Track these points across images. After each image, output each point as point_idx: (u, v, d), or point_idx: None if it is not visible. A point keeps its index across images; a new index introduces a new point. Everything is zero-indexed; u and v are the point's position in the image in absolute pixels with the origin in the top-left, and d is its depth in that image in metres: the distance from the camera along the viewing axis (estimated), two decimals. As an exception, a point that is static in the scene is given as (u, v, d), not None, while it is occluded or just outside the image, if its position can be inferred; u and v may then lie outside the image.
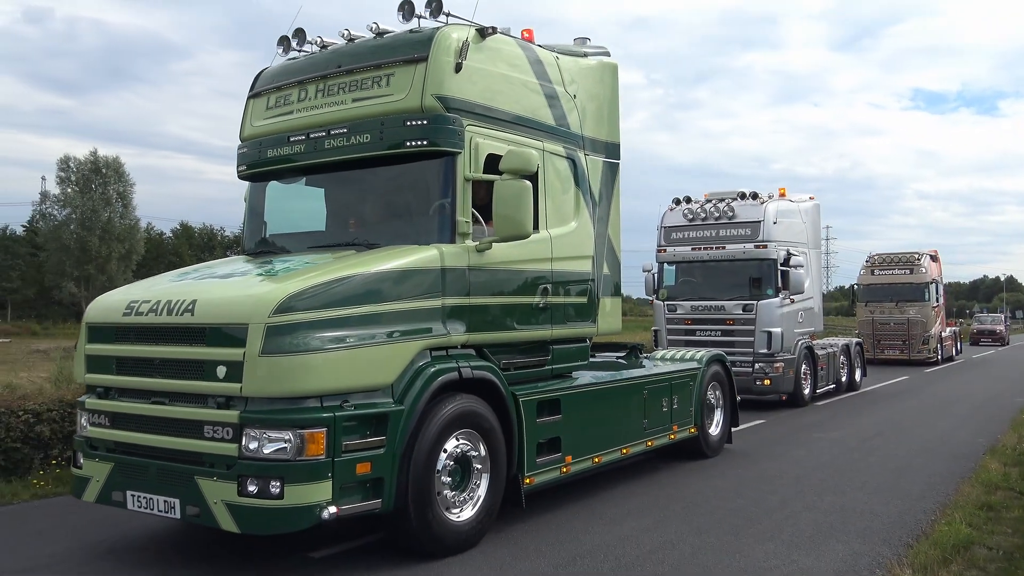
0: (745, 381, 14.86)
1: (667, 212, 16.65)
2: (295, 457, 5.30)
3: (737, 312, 15.31)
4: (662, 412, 9.14)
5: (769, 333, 14.98)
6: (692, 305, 15.86)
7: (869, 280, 28.89)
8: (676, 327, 15.99)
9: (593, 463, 7.84)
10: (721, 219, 15.81)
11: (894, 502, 8.03)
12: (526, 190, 6.36)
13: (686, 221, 16.25)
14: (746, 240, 15.47)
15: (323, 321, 5.53)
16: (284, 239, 7.30)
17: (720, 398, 10.64)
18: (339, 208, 7.29)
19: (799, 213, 16.49)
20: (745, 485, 8.88)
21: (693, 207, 16.24)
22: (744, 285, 15.47)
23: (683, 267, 16.40)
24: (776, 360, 15.07)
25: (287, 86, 7.19)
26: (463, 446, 6.33)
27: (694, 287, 16.18)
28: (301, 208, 7.60)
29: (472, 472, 6.42)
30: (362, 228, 6.95)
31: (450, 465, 6.22)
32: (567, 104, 7.81)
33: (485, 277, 6.65)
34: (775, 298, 15.17)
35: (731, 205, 15.73)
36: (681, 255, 16.28)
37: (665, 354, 10.64)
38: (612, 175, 8.49)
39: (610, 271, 8.37)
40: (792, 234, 15.97)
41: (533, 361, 7.35)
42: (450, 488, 6.24)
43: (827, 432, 12.87)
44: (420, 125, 6.39)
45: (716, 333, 15.49)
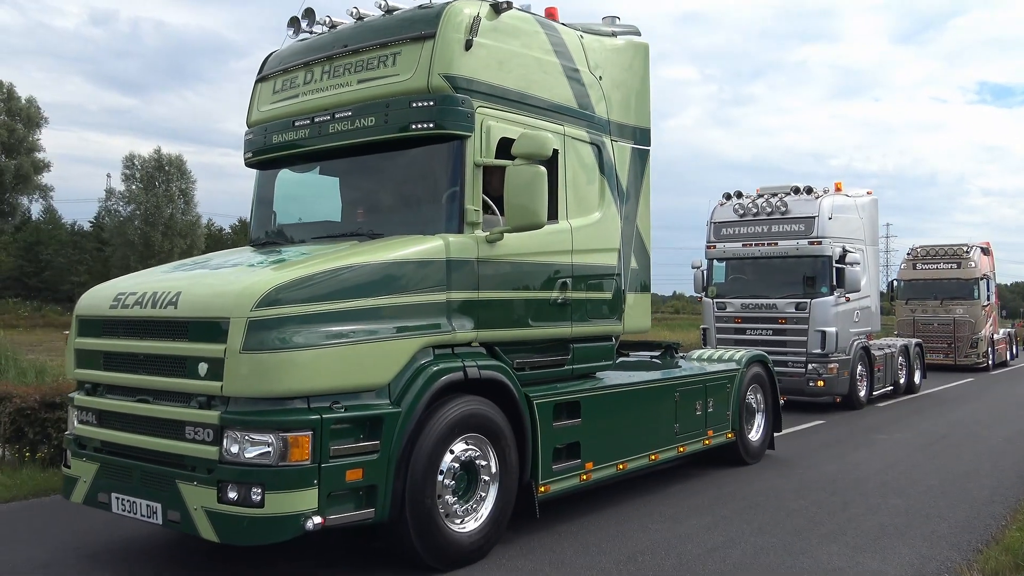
0: (798, 382, 14.48)
1: (717, 207, 16.22)
2: (277, 462, 4.89)
3: (789, 311, 14.82)
4: (695, 416, 8.55)
5: (823, 333, 14.45)
6: (742, 303, 15.40)
7: (911, 275, 25.42)
8: (725, 325, 15.53)
9: (617, 470, 7.31)
10: (773, 214, 15.31)
11: (961, 506, 7.77)
12: (540, 176, 5.89)
13: (737, 216, 15.80)
14: (799, 236, 14.95)
15: (311, 316, 5.13)
16: (291, 229, 6.92)
17: (761, 401, 10.01)
18: (349, 196, 6.89)
19: (856, 208, 15.94)
20: (806, 486, 8.65)
21: (744, 202, 15.79)
22: (797, 283, 14.96)
23: (733, 264, 15.95)
24: (830, 361, 14.53)
25: (294, 68, 6.81)
26: (469, 451, 5.87)
27: (745, 284, 15.71)
28: (315, 197, 7.23)
29: (479, 479, 5.95)
30: (370, 217, 6.56)
31: (454, 472, 5.76)
32: (592, 86, 7.30)
33: (497, 270, 6.18)
34: (830, 296, 14.62)
35: (784, 200, 15.23)
36: (731, 251, 15.83)
37: (703, 354, 10.01)
38: (642, 163, 7.94)
39: (638, 265, 7.83)
40: (848, 230, 15.42)
41: (551, 361, 6.85)
42: (454, 496, 5.77)
43: (889, 434, 12.47)
44: (426, 107, 5.97)
45: (767, 332, 15.02)
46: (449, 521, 5.72)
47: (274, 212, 7.12)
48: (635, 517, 7.21)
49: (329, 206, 6.99)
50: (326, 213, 6.98)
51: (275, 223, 7.07)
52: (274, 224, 7.07)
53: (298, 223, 6.99)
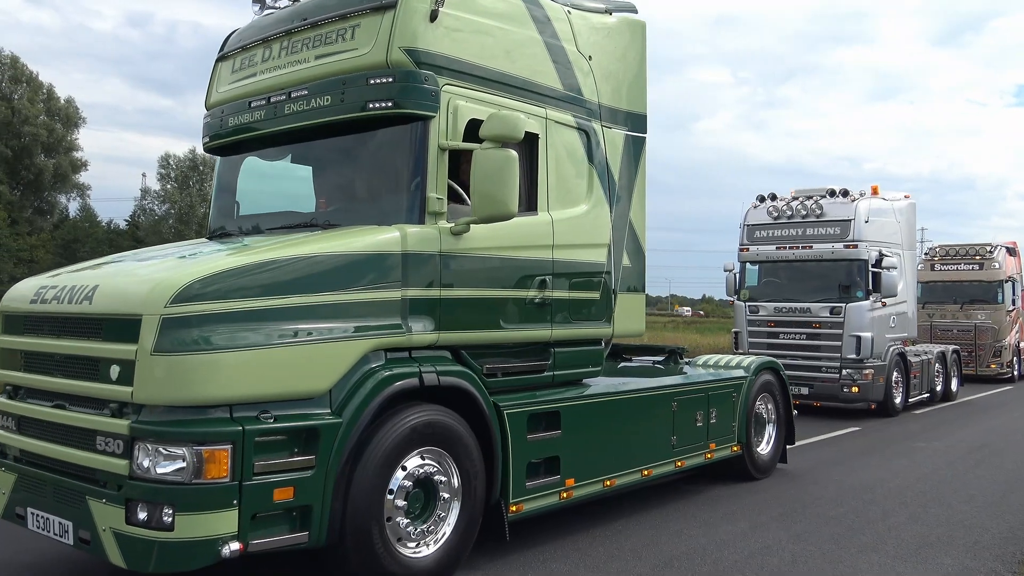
0: (831, 388, 14.30)
1: (750, 209, 16.00)
2: (191, 479, 4.30)
3: (824, 315, 14.58)
4: (695, 427, 7.82)
5: (858, 338, 14.19)
6: (775, 307, 15.20)
7: (928, 276, 22.95)
8: (758, 329, 15.34)
9: (604, 487, 6.63)
10: (808, 217, 15.08)
11: (1005, 516, 7.58)
12: (510, 161, 5.26)
13: (771, 219, 15.59)
14: (835, 239, 14.69)
15: (237, 313, 4.53)
16: (252, 220, 6.32)
17: (772, 412, 9.26)
18: (312, 185, 6.33)
19: (893, 212, 15.64)
20: (844, 493, 8.44)
21: (778, 204, 15.56)
22: (832, 287, 14.67)
23: (766, 267, 15.73)
24: (865, 367, 14.27)
25: (252, 45, 6.23)
26: (427, 467, 5.24)
27: (778, 288, 15.49)
28: (286, 186, 6.64)
29: (437, 498, 5.31)
30: (333, 207, 5.98)
31: (407, 490, 5.13)
32: (580, 67, 6.64)
33: (463, 265, 5.55)
34: (865, 301, 14.33)
35: (819, 203, 14.99)
36: (764, 254, 15.62)
37: (709, 359, 9.31)
38: (637, 151, 7.25)
39: (632, 263, 7.13)
40: (885, 234, 15.13)
41: (528, 367, 6.17)
42: (408, 518, 5.15)
43: (927, 442, 12.17)
44: (385, 83, 5.36)
45: (801, 336, 14.80)
46: (401, 545, 5.10)
47: (237, 202, 6.53)
48: (670, 522, 7.09)
49: (300, 195, 6.44)
50: (295, 203, 6.42)
51: (238, 213, 6.48)
52: (236, 214, 6.48)
53: (259, 214, 6.40)
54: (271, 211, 6.37)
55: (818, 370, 14.45)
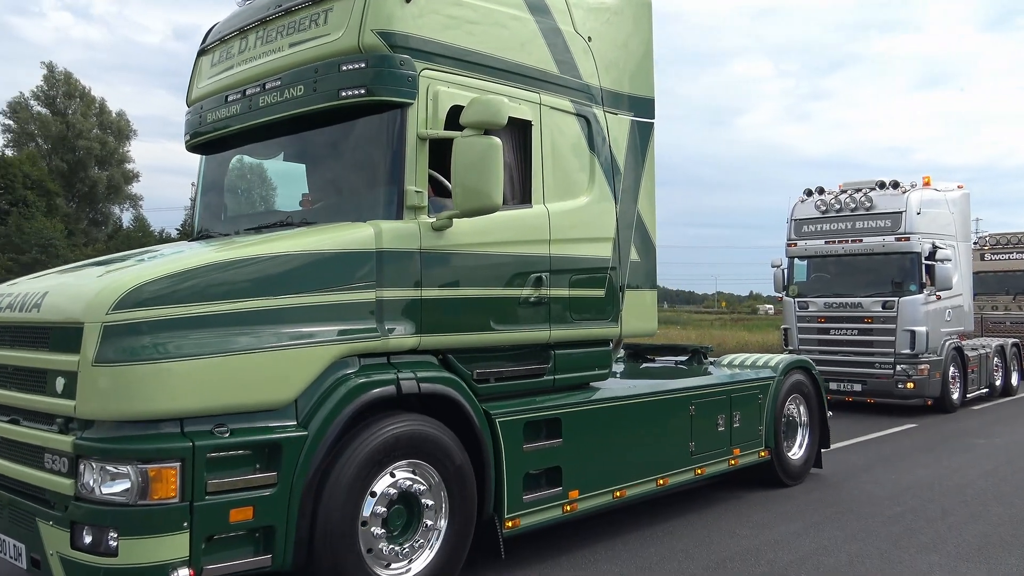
0: (886, 384, 13.99)
1: (798, 204, 15.74)
2: (136, 500, 3.95)
3: (876, 309, 14.26)
4: (717, 432, 7.32)
5: (912, 332, 13.85)
6: (825, 302, 14.92)
7: (979, 267, 20.70)
8: (808, 325, 15.06)
9: (614, 498, 6.17)
10: (858, 210, 14.79)
11: None
12: (493, 149, 4.86)
13: (819, 213, 15.32)
14: (886, 232, 14.37)
15: (188, 319, 4.18)
16: (234, 221, 6.02)
17: (804, 414, 8.68)
18: (294, 180, 6.03)
19: (946, 203, 15.24)
20: (901, 492, 8.25)
21: (827, 198, 15.28)
22: (884, 281, 14.34)
23: (815, 262, 15.46)
24: (920, 361, 13.93)
25: (230, 37, 5.92)
26: (408, 481, 4.85)
27: (828, 283, 15.22)
28: (277, 184, 6.34)
29: (421, 515, 4.92)
30: (316, 204, 5.67)
31: (387, 506, 4.75)
32: (577, 49, 6.20)
33: (446, 263, 5.17)
34: (919, 294, 13.99)
35: (869, 195, 14.69)
36: (813, 249, 15.35)
37: (735, 359, 8.74)
38: (644, 138, 6.78)
39: (641, 257, 6.65)
40: (938, 225, 14.75)
41: (525, 371, 5.74)
42: (387, 537, 4.75)
43: (987, 439, 11.85)
44: (357, 69, 5.00)
45: (852, 332, 14.50)
46: (380, 566, 4.72)
47: (223, 202, 6.23)
48: (722, 522, 6.99)
49: (283, 193, 6.14)
50: (280, 201, 6.11)
51: (225, 214, 6.18)
52: (224, 215, 6.17)
53: (241, 214, 6.11)
54: (254, 211, 6.05)
55: (871, 366, 14.16)
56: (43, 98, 58.13)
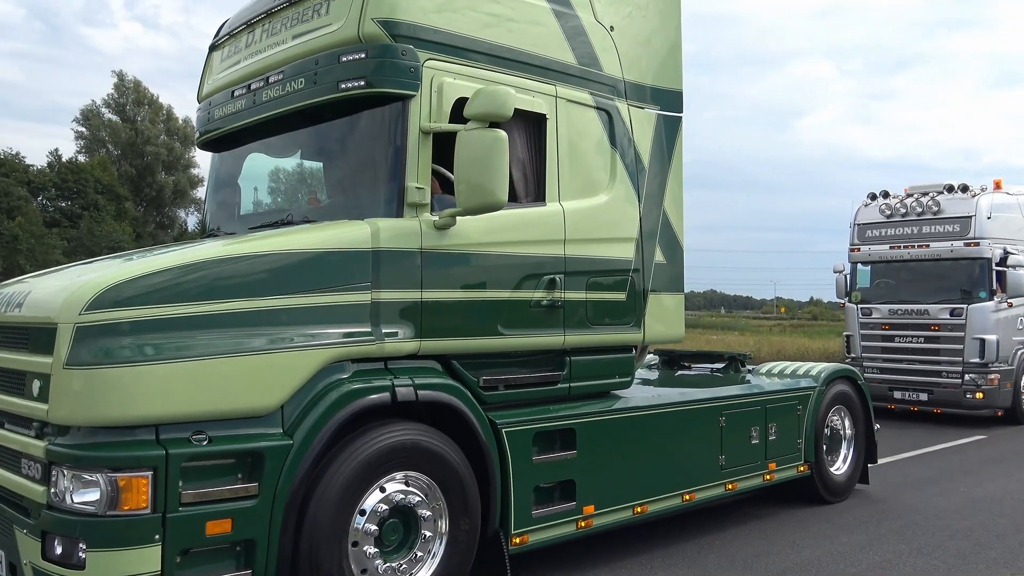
0: (953, 394, 13.54)
1: (861, 208, 15.38)
2: (105, 511, 3.74)
3: (943, 317, 13.83)
4: (750, 445, 6.89)
5: (982, 340, 13.38)
6: (890, 309, 14.54)
7: None
8: (871, 332, 14.70)
9: (634, 514, 5.83)
10: (924, 215, 14.37)
11: None
12: (498, 143, 4.59)
13: (883, 217, 14.94)
14: (954, 237, 13.94)
15: (166, 320, 3.97)
16: (240, 221, 5.84)
17: (849, 427, 8.18)
18: (304, 179, 5.88)
19: (1019, 207, 14.65)
20: (970, 505, 7.96)
21: (891, 202, 14.90)
22: (951, 287, 13.89)
23: (879, 267, 15.08)
24: (990, 371, 13.44)
25: (239, 31, 5.76)
26: (404, 494, 4.57)
27: (892, 289, 14.82)
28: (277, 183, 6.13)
29: (419, 530, 4.65)
30: (318, 202, 5.49)
31: (380, 521, 4.48)
32: (598, 38, 5.88)
33: (450, 264, 4.90)
34: (989, 302, 13.54)
35: (936, 199, 14.27)
36: (877, 254, 14.98)
37: (774, 367, 8.29)
38: (671, 133, 6.42)
39: (666, 259, 6.29)
40: (1010, 230, 14.21)
41: (537, 378, 5.45)
42: (381, 552, 4.49)
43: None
44: (357, 60, 4.77)
45: (918, 340, 14.09)
46: None
47: (235, 201, 6.04)
48: (782, 532, 6.84)
49: (298, 191, 5.95)
50: (292, 200, 5.92)
51: (235, 212, 5.99)
52: (238, 214, 5.98)
53: (250, 212, 5.90)
54: (261, 209, 5.90)
55: (938, 375, 13.75)
56: (113, 105, 60.28)
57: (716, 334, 37.29)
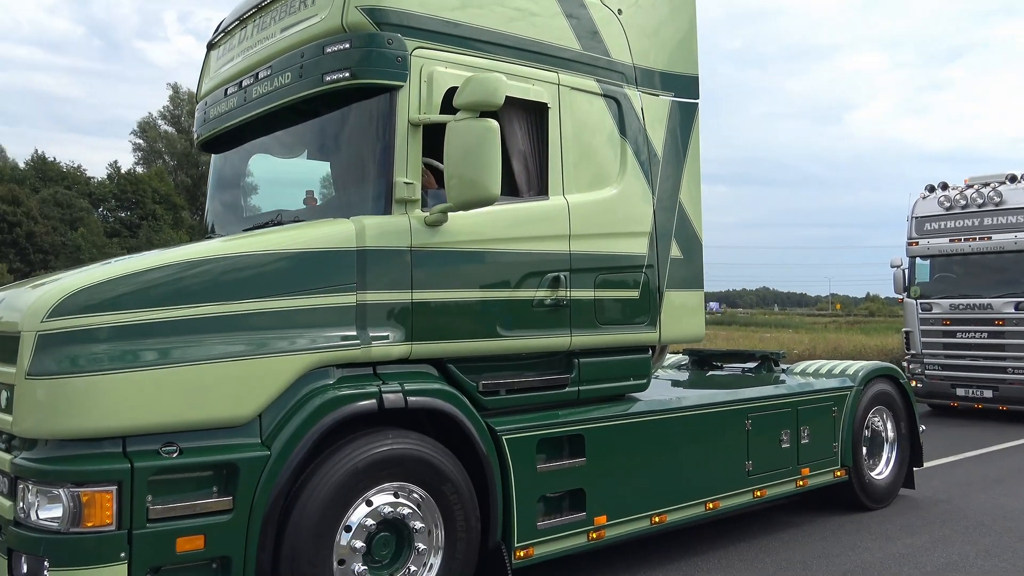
0: (1020, 391, 13.14)
1: (919, 201, 14.98)
2: (68, 527, 3.57)
3: (1008, 311, 13.39)
4: (780, 449, 6.50)
5: (1051, 334, 13.03)
6: (951, 304, 14.14)
7: None
8: (931, 328, 14.32)
9: (652, 524, 5.51)
10: (986, 206, 13.93)
11: None
12: (489, 133, 4.33)
13: (942, 210, 14.53)
14: (1018, 228, 13.44)
15: (134, 327, 3.78)
16: (237, 222, 5.65)
17: (891, 429, 7.71)
18: (299, 178, 5.66)
19: (1085, 196, 14.22)
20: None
21: (951, 194, 14.47)
22: (1016, 280, 13.42)
23: (939, 261, 14.67)
24: (1059, 366, 13.06)
25: (233, 28, 5.57)
26: (395, 506, 4.32)
27: (953, 283, 14.41)
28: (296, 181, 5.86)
29: (412, 545, 4.39)
30: (311, 202, 5.29)
31: (369, 536, 4.23)
32: (604, 22, 5.57)
33: (443, 262, 4.64)
34: (1057, 295, 13.17)
35: (998, 190, 13.82)
36: (937, 248, 14.57)
37: (808, 366, 7.88)
38: (687, 121, 6.07)
39: (683, 254, 5.94)
40: (1077, 221, 13.80)
41: (542, 381, 5.17)
42: (371, 571, 4.24)
43: None
44: (341, 51, 4.54)
45: (981, 335, 13.68)
46: None
47: (231, 201, 5.87)
48: (842, 534, 6.67)
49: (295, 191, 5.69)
50: (288, 200, 5.66)
51: (232, 214, 5.83)
52: (231, 215, 5.80)
53: (245, 214, 5.70)
54: (256, 210, 5.71)
55: (1003, 371, 13.33)
56: (169, 117, 61.86)
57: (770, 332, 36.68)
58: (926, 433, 8.19)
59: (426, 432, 4.55)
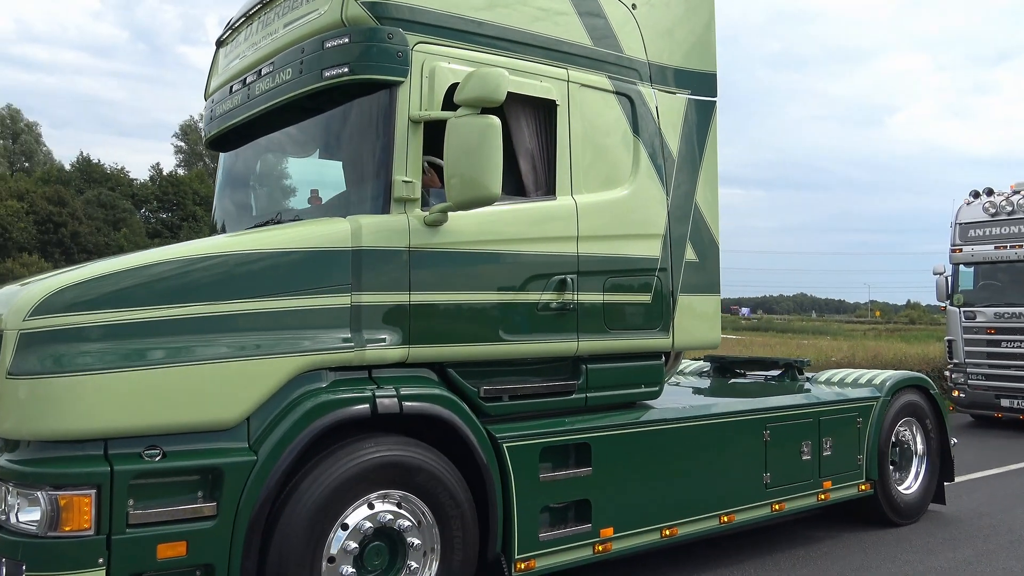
0: (1066, 403, 12.77)
1: (963, 207, 14.67)
2: (46, 531, 3.48)
3: (1056, 321, 13.12)
4: (800, 462, 6.27)
5: (1099, 345, 12.67)
6: (996, 312, 13.81)
7: None
8: (975, 337, 14.00)
9: (662, 537, 5.32)
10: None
11: None
12: (490, 130, 4.19)
13: (987, 216, 14.21)
14: (1067, 236, 13.23)
15: (118, 326, 3.69)
16: (243, 222, 5.54)
17: (920, 441, 7.41)
18: (305, 177, 5.55)
19: None
20: (1086, 519, 7.47)
21: (996, 200, 14.15)
22: (1065, 289, 13.24)
23: (983, 269, 14.34)
24: (1109, 377, 12.69)
25: (240, 25, 5.49)
26: (389, 514, 4.19)
27: (998, 291, 14.07)
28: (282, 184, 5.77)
29: (406, 553, 4.26)
30: (313, 201, 5.20)
31: (361, 543, 4.11)
32: (617, 17, 5.40)
33: (443, 263, 4.50)
34: (1107, 303, 12.81)
35: (1046, 196, 13.56)
36: (981, 255, 14.25)
37: (834, 375, 7.64)
38: (704, 119, 5.87)
39: (699, 257, 5.75)
40: None
41: (547, 388, 5.02)
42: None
43: None
44: (340, 46, 4.43)
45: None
46: None
47: (237, 201, 5.76)
48: (882, 546, 6.55)
49: (300, 190, 5.58)
50: (294, 200, 5.58)
51: (238, 213, 5.71)
52: (237, 215, 5.70)
53: (249, 214, 5.59)
54: (260, 210, 5.59)
55: None
56: (210, 120, 62.99)
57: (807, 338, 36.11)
58: (968, 444, 7.98)
59: (424, 439, 4.41)
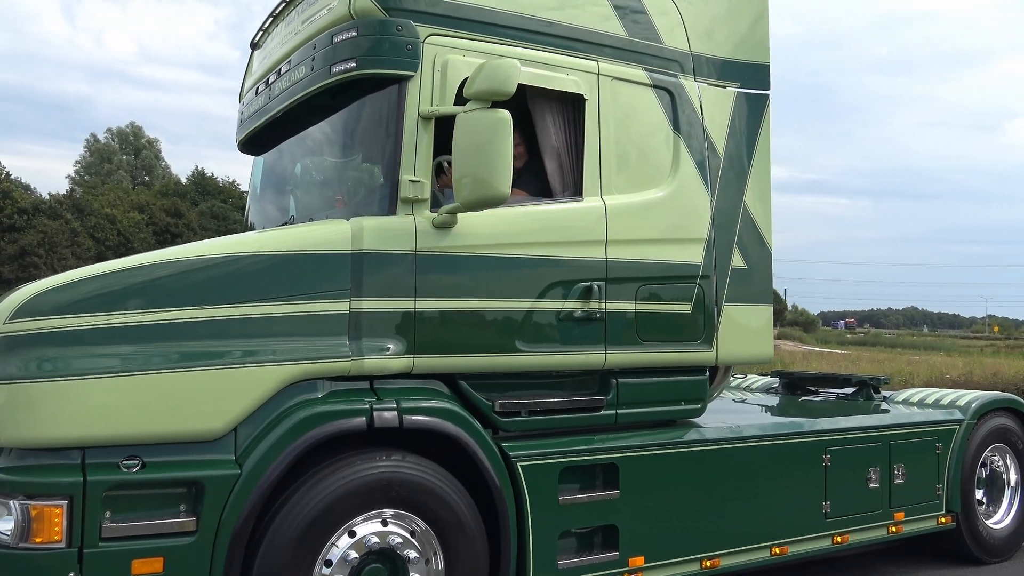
0: None
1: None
2: (17, 542, 3.35)
3: None
4: (867, 490, 5.71)
5: None
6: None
7: None
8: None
9: (701, 568, 4.89)
10: None
11: None
12: (501, 125, 3.91)
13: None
14: None
15: (100, 331, 3.55)
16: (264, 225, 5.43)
17: (1015, 470, 6.69)
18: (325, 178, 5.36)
19: None
20: None
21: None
22: None
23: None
24: None
25: (269, 25, 5.36)
26: (388, 536, 3.91)
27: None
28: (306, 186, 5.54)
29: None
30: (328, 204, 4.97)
31: (354, 566, 3.85)
32: (656, 5, 5.03)
33: (453, 268, 4.23)
34: None
35: None
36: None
37: (913, 395, 6.92)
38: (754, 114, 5.43)
39: (748, 264, 5.31)
40: None
41: (572, 403, 4.66)
42: None
43: None
44: (348, 40, 4.22)
45: None
46: None
47: (265, 204, 5.64)
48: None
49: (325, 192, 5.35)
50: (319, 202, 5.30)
51: (266, 217, 5.58)
52: (265, 218, 5.56)
53: (273, 217, 5.46)
54: (285, 213, 5.45)
55: None
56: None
57: (919, 354, 34.12)
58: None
59: (432, 456, 4.13)
